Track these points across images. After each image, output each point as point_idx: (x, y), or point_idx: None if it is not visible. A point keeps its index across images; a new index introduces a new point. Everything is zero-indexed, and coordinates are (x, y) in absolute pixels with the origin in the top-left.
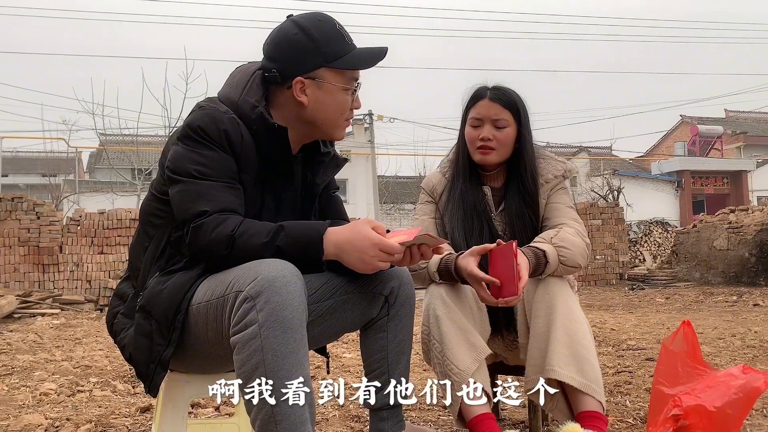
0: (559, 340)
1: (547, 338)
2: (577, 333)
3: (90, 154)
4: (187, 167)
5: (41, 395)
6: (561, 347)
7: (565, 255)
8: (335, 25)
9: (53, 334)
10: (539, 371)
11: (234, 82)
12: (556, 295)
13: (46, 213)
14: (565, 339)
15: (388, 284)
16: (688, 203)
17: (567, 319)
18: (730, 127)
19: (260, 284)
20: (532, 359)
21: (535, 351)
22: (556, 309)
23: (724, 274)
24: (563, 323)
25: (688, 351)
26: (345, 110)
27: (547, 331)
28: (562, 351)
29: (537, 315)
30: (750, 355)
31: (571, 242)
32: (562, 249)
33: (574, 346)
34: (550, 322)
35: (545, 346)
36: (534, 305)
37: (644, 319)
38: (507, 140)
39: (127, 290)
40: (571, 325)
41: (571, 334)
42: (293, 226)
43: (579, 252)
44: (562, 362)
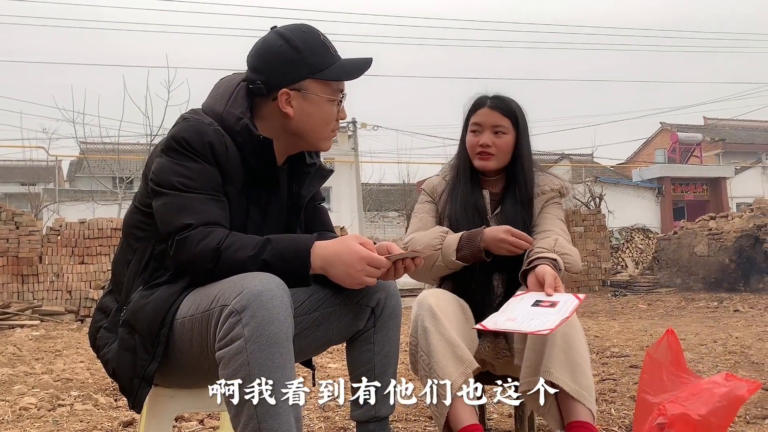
0: (557, 344)
1: (545, 341)
2: (575, 340)
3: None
4: (171, 179)
5: (21, 410)
6: (557, 351)
7: (569, 261)
8: (320, 36)
9: (33, 346)
10: (535, 373)
11: (218, 93)
12: None
13: (26, 223)
14: (562, 344)
15: (375, 296)
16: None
17: (566, 326)
18: (709, 134)
19: (246, 298)
20: (528, 361)
21: (531, 353)
22: None
23: (704, 280)
24: (562, 329)
25: (672, 359)
26: (331, 121)
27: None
28: (559, 355)
29: None
30: (732, 361)
31: (570, 249)
32: (565, 256)
33: (570, 352)
34: None
35: (542, 349)
36: None
37: (627, 325)
38: (506, 147)
39: (110, 304)
40: (570, 332)
41: (568, 340)
42: (280, 239)
43: (577, 257)
44: (558, 366)
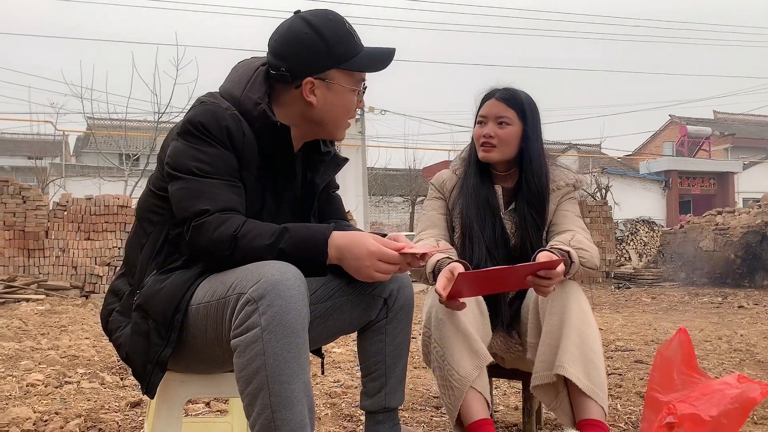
0: (572, 340)
1: (560, 336)
2: (589, 336)
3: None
4: (187, 164)
5: (28, 386)
6: (572, 347)
7: (585, 257)
8: (345, 25)
9: (38, 320)
10: (548, 368)
11: (236, 77)
12: (571, 295)
13: (33, 197)
14: (577, 340)
15: (388, 287)
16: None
17: (581, 322)
18: (719, 128)
19: (263, 287)
20: (542, 355)
21: (545, 347)
22: (570, 309)
23: (709, 275)
24: (577, 324)
25: (683, 358)
26: (351, 111)
27: (560, 329)
28: (573, 351)
29: (552, 312)
30: (737, 360)
31: (587, 245)
32: (581, 251)
33: (584, 348)
34: (564, 320)
35: (557, 344)
36: (549, 303)
37: (631, 318)
38: (509, 138)
39: (123, 287)
40: (584, 328)
41: (583, 336)
42: (297, 228)
43: (595, 254)
44: (572, 361)
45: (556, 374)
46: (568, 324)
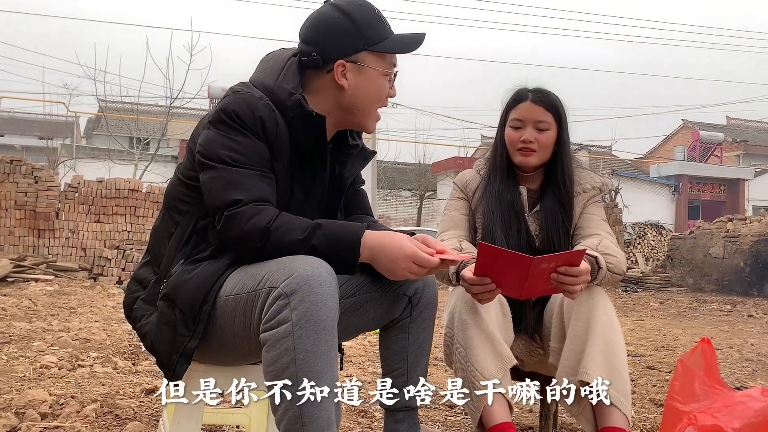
0: (597, 346)
1: (585, 342)
2: (615, 344)
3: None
4: (219, 153)
5: (42, 368)
6: (598, 354)
7: (612, 262)
8: (374, 10)
9: (47, 301)
10: (573, 373)
11: (267, 67)
12: (598, 302)
13: (45, 178)
14: (602, 347)
15: (413, 285)
16: (684, 208)
17: (607, 328)
18: (731, 134)
19: (295, 282)
20: (567, 360)
21: (570, 353)
22: (596, 315)
23: (717, 282)
24: (603, 331)
25: (705, 369)
26: (382, 97)
27: (586, 335)
28: (599, 358)
29: (578, 318)
30: (749, 369)
31: (614, 251)
32: (608, 257)
33: (609, 356)
34: (590, 326)
35: (582, 350)
36: (575, 308)
37: (640, 323)
38: (548, 143)
39: (148, 275)
40: (610, 335)
41: (609, 343)
42: (331, 225)
43: (623, 260)
44: (597, 368)
45: (579, 380)
46: (594, 330)
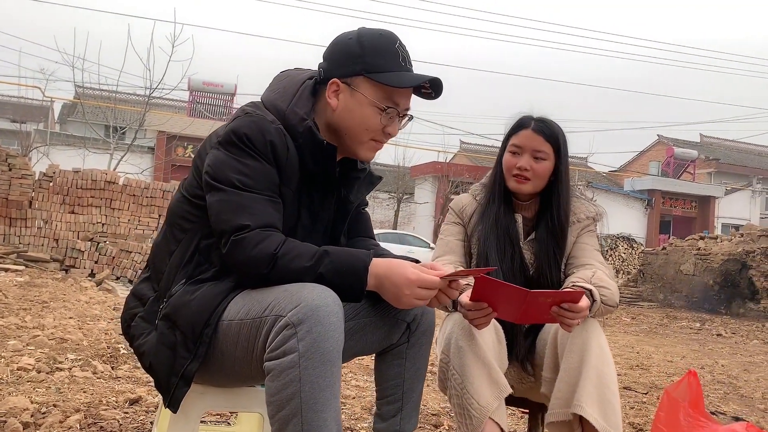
0: (591, 379)
1: (579, 375)
2: (607, 376)
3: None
4: (229, 176)
5: (19, 370)
6: (591, 387)
7: (606, 295)
8: (394, 44)
9: (18, 293)
10: (566, 405)
11: (281, 87)
12: (592, 334)
13: (19, 165)
14: (595, 380)
15: (412, 311)
16: (656, 222)
17: (600, 361)
18: (704, 152)
19: (303, 312)
20: (560, 392)
21: (563, 384)
22: (590, 348)
23: (687, 299)
24: (596, 364)
25: (691, 401)
26: (370, 128)
27: (579, 367)
28: (592, 391)
29: (571, 350)
30: (721, 392)
31: (608, 282)
32: (602, 289)
33: (602, 389)
34: (583, 359)
35: (575, 382)
36: (569, 340)
37: (612, 339)
38: (543, 173)
39: (147, 292)
40: (603, 368)
41: (601, 376)
42: (337, 253)
43: (616, 291)
44: (590, 401)
45: (572, 413)
46: (588, 363)
